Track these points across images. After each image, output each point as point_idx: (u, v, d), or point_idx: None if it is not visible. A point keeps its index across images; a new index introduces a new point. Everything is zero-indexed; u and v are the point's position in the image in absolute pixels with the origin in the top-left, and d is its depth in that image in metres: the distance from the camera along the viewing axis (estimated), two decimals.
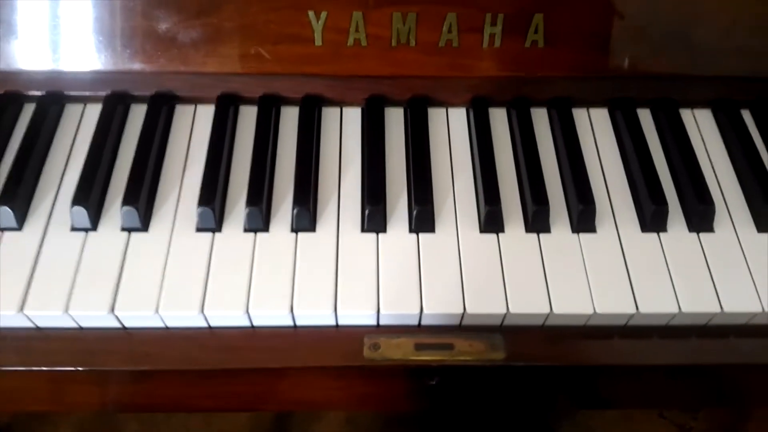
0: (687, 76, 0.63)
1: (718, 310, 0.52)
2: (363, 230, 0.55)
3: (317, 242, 0.54)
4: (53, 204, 0.56)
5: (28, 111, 0.61)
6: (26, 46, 0.60)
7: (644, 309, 0.52)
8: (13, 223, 0.54)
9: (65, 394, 0.55)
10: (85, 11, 0.59)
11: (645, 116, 0.64)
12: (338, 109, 0.63)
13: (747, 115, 0.64)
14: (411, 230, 0.55)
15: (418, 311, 0.51)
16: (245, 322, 0.52)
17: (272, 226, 0.55)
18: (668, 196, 0.57)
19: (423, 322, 0.52)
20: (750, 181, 0.59)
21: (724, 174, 0.61)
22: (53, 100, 0.61)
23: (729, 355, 0.53)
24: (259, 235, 0.54)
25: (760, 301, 0.52)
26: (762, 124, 0.63)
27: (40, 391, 0.55)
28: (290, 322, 0.52)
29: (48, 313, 0.50)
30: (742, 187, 0.59)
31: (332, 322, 0.52)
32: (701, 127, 0.63)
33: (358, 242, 0.55)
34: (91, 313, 0.50)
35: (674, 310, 0.52)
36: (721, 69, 0.62)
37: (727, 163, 0.61)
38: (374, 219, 0.55)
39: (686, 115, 0.64)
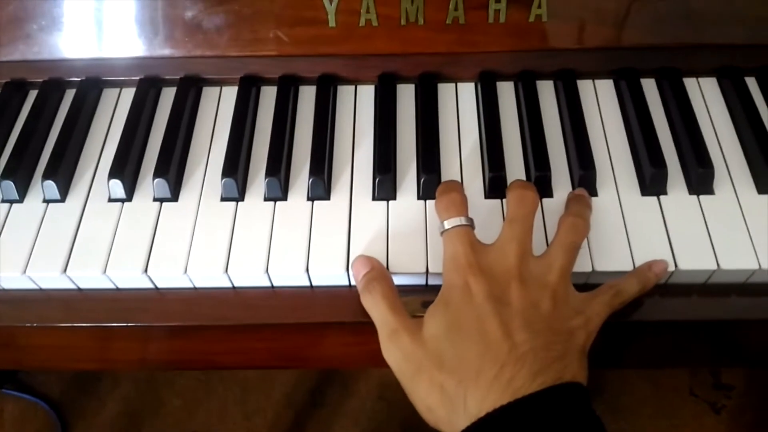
0: (690, 45, 0.64)
1: (715, 267, 0.54)
2: (374, 197, 0.59)
3: (331, 209, 0.58)
4: (93, 178, 0.61)
5: (69, 96, 0.67)
6: (66, 37, 0.65)
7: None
8: (57, 196, 0.59)
9: (106, 351, 0.61)
10: (120, 3, 0.64)
11: (650, 86, 0.66)
12: (353, 87, 0.67)
13: (753, 83, 0.66)
14: (419, 197, 0.59)
15: (424, 270, 0.55)
16: (266, 282, 0.56)
17: (290, 195, 0.59)
18: (670, 161, 0.59)
19: (430, 282, 0.56)
20: (751, 144, 0.60)
21: (726, 139, 0.62)
22: (92, 85, 0.67)
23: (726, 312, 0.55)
24: (278, 203, 0.59)
25: (757, 259, 0.54)
26: (765, 89, 0.64)
27: (83, 349, 0.60)
28: (307, 282, 0.56)
29: (88, 274, 0.55)
30: (743, 151, 0.61)
31: (346, 282, 0.56)
32: (705, 95, 0.65)
33: (369, 208, 0.58)
34: (126, 273, 0.55)
35: (671, 267, 0.54)
36: (723, 38, 0.64)
37: (731, 127, 0.63)
38: (384, 186, 0.58)
39: (691, 83, 0.66)
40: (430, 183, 0.58)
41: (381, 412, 1.26)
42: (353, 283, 0.56)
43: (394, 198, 0.59)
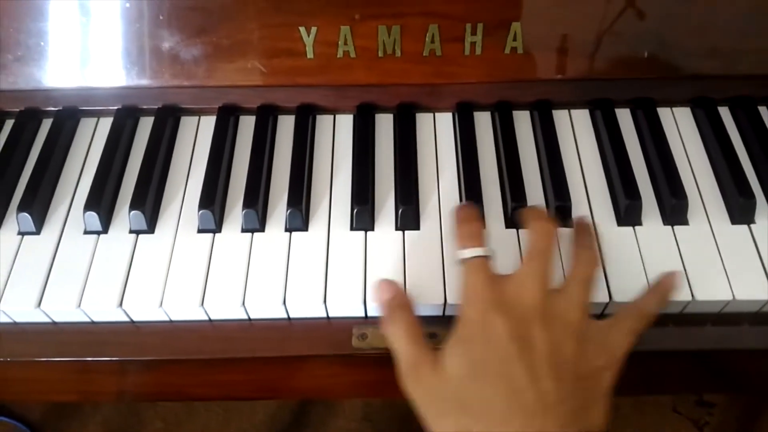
0: (664, 76, 0.65)
1: (690, 298, 0.55)
2: (352, 228, 0.59)
3: (309, 240, 0.58)
4: (68, 210, 0.61)
5: (46, 125, 0.66)
6: (43, 67, 0.65)
7: (617, 299, 0.55)
8: (32, 228, 0.59)
9: (83, 384, 0.60)
10: (96, 34, 0.64)
11: (625, 115, 0.67)
12: (331, 117, 0.67)
13: (726, 113, 0.67)
14: (397, 228, 0.59)
15: None
16: (242, 315, 0.56)
17: (268, 227, 0.59)
18: (644, 191, 0.60)
19: None
20: (725, 175, 0.61)
21: (700, 169, 0.63)
22: (69, 115, 0.67)
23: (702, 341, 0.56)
24: (256, 234, 0.59)
25: (731, 290, 0.55)
26: (738, 120, 0.65)
27: (59, 382, 0.60)
28: (284, 315, 0.56)
29: (62, 308, 0.55)
30: (717, 181, 0.62)
31: (323, 314, 0.56)
32: (679, 125, 0.66)
33: (347, 240, 0.58)
34: (101, 307, 0.55)
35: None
36: (697, 69, 0.65)
37: (704, 158, 0.64)
38: (362, 218, 0.58)
39: (665, 113, 0.66)
40: (407, 214, 0.58)
41: None
42: (331, 315, 0.56)
43: (372, 229, 0.59)
